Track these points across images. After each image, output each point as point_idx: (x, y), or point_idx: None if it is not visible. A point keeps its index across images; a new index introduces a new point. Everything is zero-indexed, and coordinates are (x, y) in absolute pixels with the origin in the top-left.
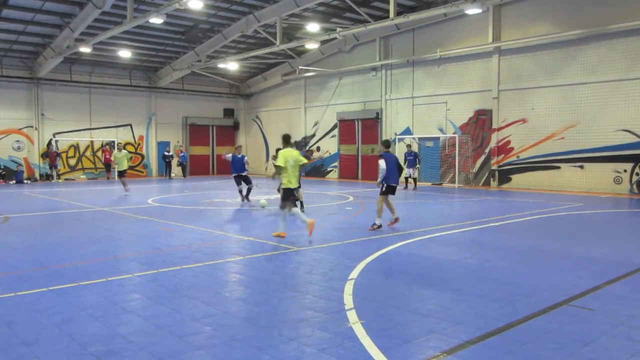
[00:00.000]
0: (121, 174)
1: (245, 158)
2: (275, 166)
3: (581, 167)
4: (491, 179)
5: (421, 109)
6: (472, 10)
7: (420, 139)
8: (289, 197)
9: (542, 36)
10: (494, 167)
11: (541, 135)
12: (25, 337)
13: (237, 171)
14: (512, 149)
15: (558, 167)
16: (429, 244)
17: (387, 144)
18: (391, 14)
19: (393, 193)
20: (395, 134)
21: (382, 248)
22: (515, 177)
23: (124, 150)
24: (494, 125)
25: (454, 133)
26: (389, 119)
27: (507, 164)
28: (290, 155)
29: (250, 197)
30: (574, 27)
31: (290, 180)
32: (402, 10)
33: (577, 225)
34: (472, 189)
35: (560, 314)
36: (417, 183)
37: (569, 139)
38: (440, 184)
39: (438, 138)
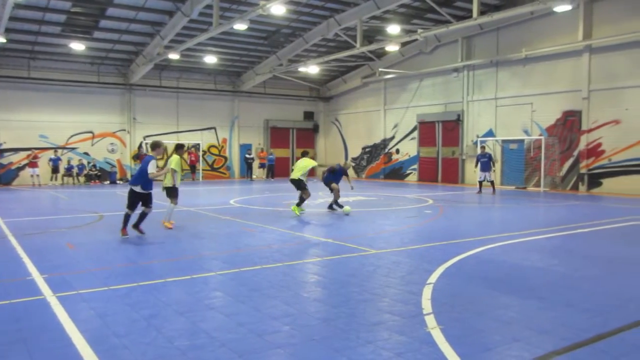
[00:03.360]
0: None
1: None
2: None
3: None
4: (580, 183)
5: (505, 110)
6: (561, 7)
7: (503, 141)
8: None
9: (637, 32)
10: (583, 170)
11: (636, 138)
12: (116, 329)
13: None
14: (603, 151)
15: None
16: (512, 250)
17: (153, 145)
18: (474, 14)
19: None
20: (477, 136)
21: (462, 253)
22: (607, 182)
23: None
24: (584, 127)
25: (540, 135)
26: (471, 120)
27: (598, 168)
28: None
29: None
30: None
31: None
32: (485, 9)
33: None
34: (558, 193)
35: None
36: (495, 186)
37: None
38: (525, 187)
39: (522, 140)
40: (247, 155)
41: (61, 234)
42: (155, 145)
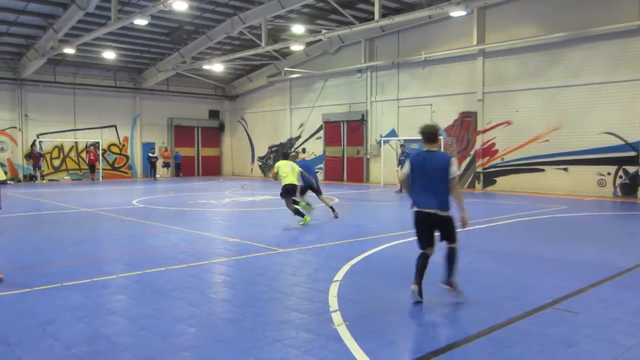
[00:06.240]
0: None
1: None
2: None
3: (565, 169)
4: (476, 182)
5: (406, 110)
6: (457, 13)
7: (405, 140)
8: None
9: (526, 38)
10: (479, 169)
11: (525, 138)
12: (7, 337)
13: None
14: (496, 151)
15: (542, 170)
16: (414, 246)
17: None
18: (376, 16)
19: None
20: (381, 136)
21: (367, 250)
22: (500, 180)
23: None
24: (479, 128)
25: (439, 135)
26: (375, 120)
27: (492, 167)
28: None
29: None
30: (558, 30)
31: None
32: (387, 12)
33: (562, 228)
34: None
35: (544, 317)
36: None
37: (553, 142)
38: None
39: None
40: (150, 154)
41: None
42: (435, 133)
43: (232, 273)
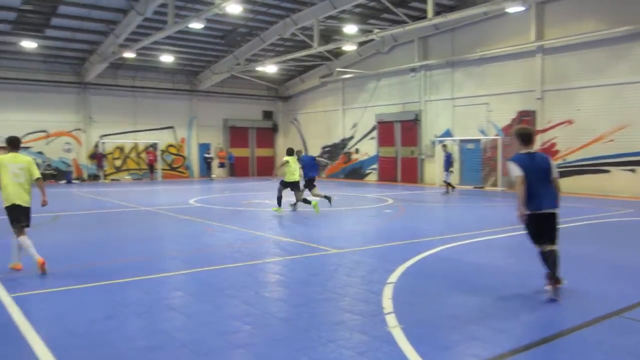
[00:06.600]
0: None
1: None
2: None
3: (633, 171)
4: None
5: (461, 110)
6: (514, 9)
7: (461, 141)
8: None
9: (587, 34)
10: None
11: (589, 137)
12: (73, 329)
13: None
14: (557, 151)
15: (607, 171)
16: (471, 249)
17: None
18: (429, 14)
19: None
20: (435, 136)
21: (422, 252)
22: (562, 181)
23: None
24: (538, 127)
25: (496, 135)
26: (429, 120)
27: None
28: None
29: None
30: (621, 24)
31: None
32: (440, 10)
33: (629, 233)
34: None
35: (611, 326)
36: (449, 186)
37: (618, 142)
38: (482, 187)
39: (479, 140)
40: (206, 155)
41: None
42: (532, 134)
43: (286, 273)
